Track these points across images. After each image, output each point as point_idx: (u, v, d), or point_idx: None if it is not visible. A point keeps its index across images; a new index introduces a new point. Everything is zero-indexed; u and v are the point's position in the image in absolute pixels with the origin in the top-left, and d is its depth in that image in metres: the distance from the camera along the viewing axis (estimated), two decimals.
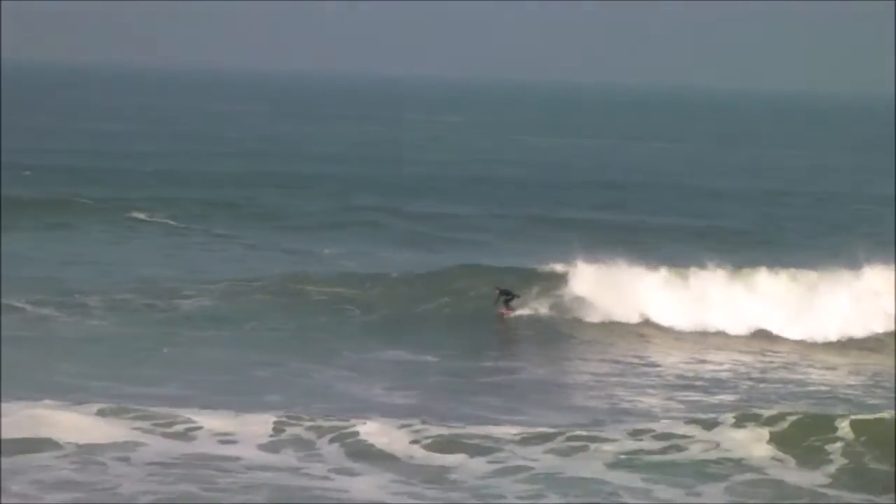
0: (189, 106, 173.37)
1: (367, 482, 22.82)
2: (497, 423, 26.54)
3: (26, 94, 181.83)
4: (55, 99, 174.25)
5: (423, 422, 25.47)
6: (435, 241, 52.92)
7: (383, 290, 39.61)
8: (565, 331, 37.54)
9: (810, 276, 39.41)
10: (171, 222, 54.06)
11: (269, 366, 31.84)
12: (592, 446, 24.79)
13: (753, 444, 24.95)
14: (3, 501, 20.99)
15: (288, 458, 23.80)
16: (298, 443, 24.41)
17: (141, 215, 55.03)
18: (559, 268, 39.73)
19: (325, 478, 22.96)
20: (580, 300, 38.66)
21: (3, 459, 22.94)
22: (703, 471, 23.92)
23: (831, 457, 24.69)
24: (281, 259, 47.10)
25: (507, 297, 37.46)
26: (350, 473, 23.12)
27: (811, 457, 24.63)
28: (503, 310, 37.32)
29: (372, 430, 24.75)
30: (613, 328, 37.84)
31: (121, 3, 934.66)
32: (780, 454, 24.68)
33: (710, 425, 25.68)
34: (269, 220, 55.89)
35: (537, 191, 72.72)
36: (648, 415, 28.24)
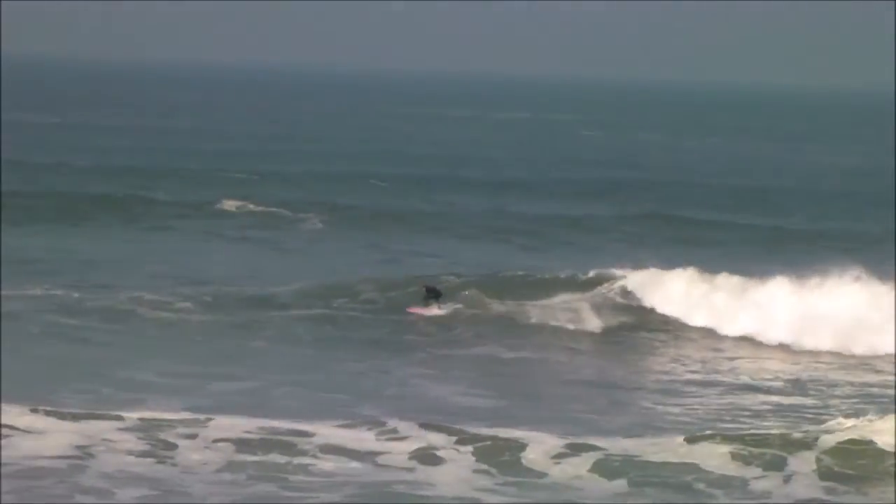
0: (241, 102, 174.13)
1: (448, 473, 22.59)
2: (573, 422, 26.52)
3: (70, 91, 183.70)
4: (114, 97, 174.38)
5: (497, 424, 25.37)
6: (533, 240, 52.95)
7: (472, 292, 38.79)
8: (641, 335, 37.10)
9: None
10: (260, 216, 54.67)
11: (355, 362, 31.91)
12: (672, 433, 24.79)
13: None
14: (76, 501, 20.85)
15: (369, 454, 23.44)
16: (378, 441, 24.13)
17: (231, 206, 55.92)
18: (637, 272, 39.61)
19: (408, 469, 22.80)
20: (660, 306, 38.37)
21: (75, 425, 23.56)
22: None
23: None
24: (373, 257, 47.12)
25: (433, 295, 37.01)
26: (431, 468, 22.88)
27: None
28: (420, 308, 36.79)
29: (451, 429, 24.56)
30: (687, 335, 37.26)
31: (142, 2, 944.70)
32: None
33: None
34: (373, 221, 55.68)
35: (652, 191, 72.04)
36: (725, 416, 28.06)
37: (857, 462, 23.41)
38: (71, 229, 49.34)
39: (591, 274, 39.88)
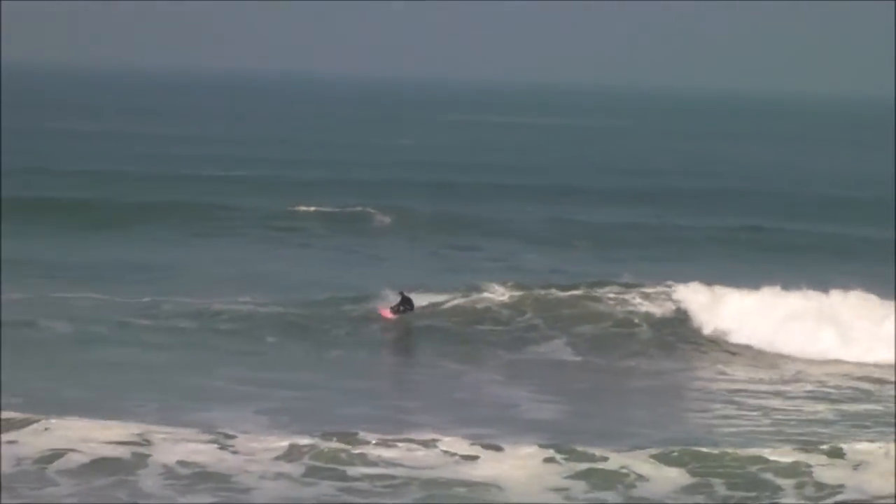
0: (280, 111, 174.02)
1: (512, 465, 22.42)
2: (635, 435, 26.27)
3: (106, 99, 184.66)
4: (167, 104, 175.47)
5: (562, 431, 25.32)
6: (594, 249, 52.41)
7: (538, 298, 38.63)
8: (702, 346, 36.64)
9: None
10: (329, 222, 54.98)
11: (424, 366, 32.16)
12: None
13: None
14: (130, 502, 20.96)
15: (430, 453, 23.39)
16: (442, 445, 23.91)
17: (299, 211, 56.20)
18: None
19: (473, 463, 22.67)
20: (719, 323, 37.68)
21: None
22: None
23: None
24: (443, 263, 47.25)
25: (406, 304, 37.12)
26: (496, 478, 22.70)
27: None
28: (386, 311, 36.92)
29: (516, 441, 24.46)
30: (754, 349, 36.54)
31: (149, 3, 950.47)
32: None
33: None
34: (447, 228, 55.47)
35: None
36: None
37: None
38: (135, 236, 49.60)
39: (651, 282, 39.49)
